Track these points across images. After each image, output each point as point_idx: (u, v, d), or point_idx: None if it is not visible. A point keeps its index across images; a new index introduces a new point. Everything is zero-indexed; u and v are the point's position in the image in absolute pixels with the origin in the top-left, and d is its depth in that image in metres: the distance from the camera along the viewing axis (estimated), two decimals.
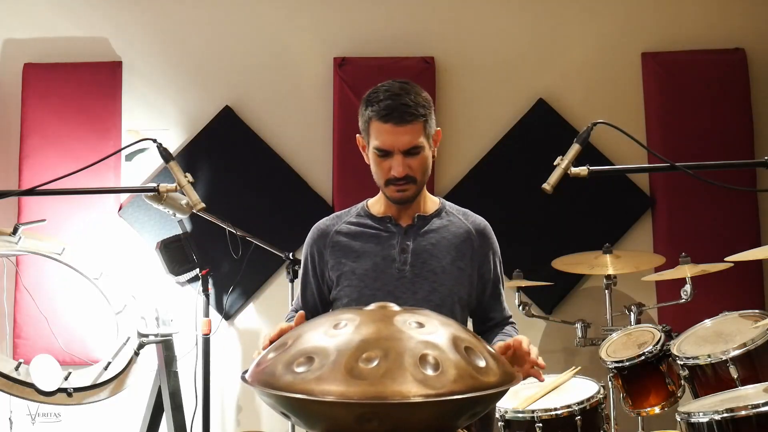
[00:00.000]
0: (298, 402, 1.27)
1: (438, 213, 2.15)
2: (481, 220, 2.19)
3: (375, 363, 1.28)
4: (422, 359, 1.30)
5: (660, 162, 2.92)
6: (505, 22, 4.11)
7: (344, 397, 1.23)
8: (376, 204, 2.17)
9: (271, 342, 1.72)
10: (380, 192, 2.13)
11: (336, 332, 1.36)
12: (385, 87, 2.03)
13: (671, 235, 3.92)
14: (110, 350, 3.22)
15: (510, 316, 2.23)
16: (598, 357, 3.11)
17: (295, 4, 4.08)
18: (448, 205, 2.21)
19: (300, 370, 1.30)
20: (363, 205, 2.20)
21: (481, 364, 1.35)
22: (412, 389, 1.24)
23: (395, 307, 1.47)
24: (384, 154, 2.01)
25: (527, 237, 3.89)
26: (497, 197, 3.93)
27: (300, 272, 2.24)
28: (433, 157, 2.09)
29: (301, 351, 1.34)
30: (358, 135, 2.11)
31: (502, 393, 1.38)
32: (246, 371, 1.43)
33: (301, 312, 1.79)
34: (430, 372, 1.28)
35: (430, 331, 1.38)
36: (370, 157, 2.07)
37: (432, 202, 2.18)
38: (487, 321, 2.21)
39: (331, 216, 2.21)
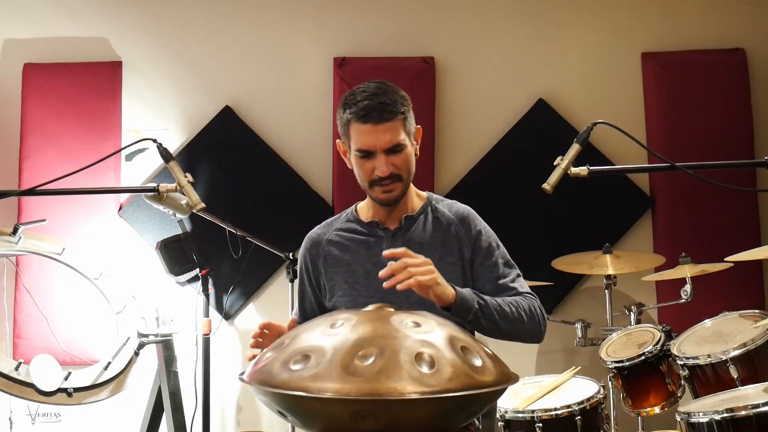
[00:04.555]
0: (294, 399, 1.27)
1: (424, 209, 2.13)
2: (464, 209, 2.15)
3: (371, 360, 1.28)
4: (418, 357, 1.30)
5: (660, 162, 2.91)
6: (505, 23, 4.10)
7: (339, 394, 1.23)
8: (364, 208, 2.16)
9: (261, 329, 1.77)
10: (368, 196, 2.12)
11: (333, 331, 1.37)
12: (362, 88, 2.01)
13: (671, 235, 3.91)
14: (110, 350, 3.22)
15: (527, 292, 2.08)
16: (598, 357, 3.10)
17: (295, 5, 4.08)
18: (435, 198, 2.18)
19: (296, 367, 1.30)
20: (352, 209, 2.20)
21: (478, 363, 1.35)
22: (407, 386, 1.24)
23: (392, 308, 1.48)
24: (366, 155, 1.99)
25: (527, 237, 3.88)
26: (497, 197, 3.92)
27: (297, 282, 2.26)
28: (416, 154, 2.07)
29: (298, 349, 1.34)
30: (338, 141, 2.09)
31: (499, 393, 1.38)
32: (243, 372, 1.43)
33: (294, 318, 1.79)
34: (425, 370, 1.28)
35: (427, 331, 1.38)
36: (352, 161, 2.05)
37: (419, 198, 2.15)
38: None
39: (323, 224, 2.21)
